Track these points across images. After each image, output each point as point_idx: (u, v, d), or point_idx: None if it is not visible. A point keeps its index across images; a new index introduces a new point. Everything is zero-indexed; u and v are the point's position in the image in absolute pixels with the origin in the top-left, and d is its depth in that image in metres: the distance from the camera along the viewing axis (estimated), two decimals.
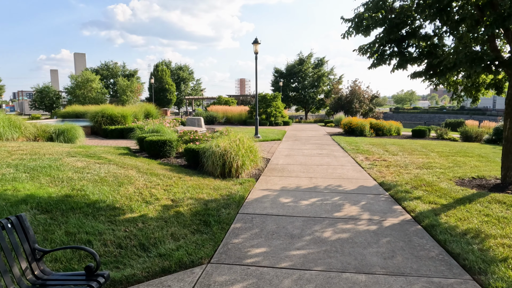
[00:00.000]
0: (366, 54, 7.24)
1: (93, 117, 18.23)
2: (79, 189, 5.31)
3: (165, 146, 9.58)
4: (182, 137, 11.19)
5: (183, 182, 6.63)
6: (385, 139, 17.83)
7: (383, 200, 6.14)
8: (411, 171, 8.59)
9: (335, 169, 9.13)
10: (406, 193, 6.44)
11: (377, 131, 20.37)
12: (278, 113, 29.13)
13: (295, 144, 14.89)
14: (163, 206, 5.15)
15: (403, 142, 15.77)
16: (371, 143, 15.07)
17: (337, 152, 12.38)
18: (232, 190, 6.46)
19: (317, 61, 49.56)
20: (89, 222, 4.25)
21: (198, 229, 4.46)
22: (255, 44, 16.82)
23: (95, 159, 7.72)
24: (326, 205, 5.78)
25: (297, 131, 22.83)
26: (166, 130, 12.77)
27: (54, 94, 38.82)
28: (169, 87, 52.42)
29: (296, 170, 8.85)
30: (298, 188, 6.97)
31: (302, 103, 50.00)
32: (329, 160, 10.59)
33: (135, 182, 6.12)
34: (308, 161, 10.26)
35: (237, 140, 8.36)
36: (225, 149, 7.82)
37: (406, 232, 4.58)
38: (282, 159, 10.60)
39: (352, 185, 7.28)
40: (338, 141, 15.82)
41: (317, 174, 8.45)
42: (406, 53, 6.85)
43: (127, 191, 5.55)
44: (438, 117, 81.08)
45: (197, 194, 5.95)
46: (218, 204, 5.50)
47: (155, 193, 5.67)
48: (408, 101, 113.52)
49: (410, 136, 20.16)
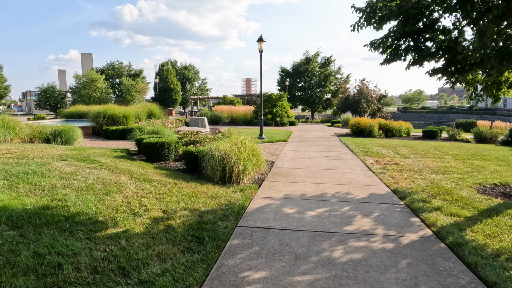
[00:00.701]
0: (378, 49, 6.62)
1: (94, 118, 17.81)
2: (60, 199, 4.79)
3: (163, 148, 9.05)
4: (182, 139, 10.67)
5: (178, 189, 6.08)
6: (395, 140, 17.14)
7: (398, 211, 5.54)
8: (426, 177, 7.96)
9: (344, 173, 8.52)
10: (424, 203, 5.83)
11: (386, 132, 19.69)
12: (284, 113, 28.53)
13: (301, 145, 14.29)
14: (153, 219, 4.60)
15: (414, 144, 15.08)
16: (380, 144, 14.41)
17: (345, 154, 11.76)
18: (232, 198, 5.90)
19: (324, 60, 48.84)
20: (64, 240, 3.72)
21: (189, 247, 3.91)
22: (260, 42, 16.26)
23: (87, 163, 7.22)
24: (335, 217, 5.20)
25: (303, 131, 22.21)
26: (167, 131, 12.26)
27: (59, 94, 38.63)
28: (174, 86, 52.11)
29: (302, 175, 8.27)
30: (303, 196, 6.39)
31: (309, 103, 49.32)
32: (337, 163, 9.98)
33: (125, 190, 5.59)
34: (315, 165, 9.66)
35: (239, 143, 7.80)
36: (225, 153, 7.26)
37: (428, 252, 3.98)
38: (287, 162, 10.02)
39: (363, 193, 6.68)
40: (346, 142, 15.18)
41: (325, 179, 7.86)
42: (424, 48, 6.23)
43: (114, 201, 5.02)
44: (447, 117, 79.72)
45: (193, 203, 5.39)
46: (215, 216, 4.95)
47: (146, 203, 5.13)
48: (416, 100, 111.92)
49: (420, 137, 19.45)
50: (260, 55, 16.42)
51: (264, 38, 16.32)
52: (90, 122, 18.25)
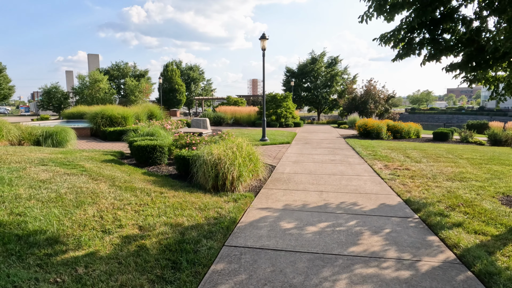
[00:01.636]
0: (389, 43, 5.89)
1: (92, 118, 17.27)
2: (20, 213, 4.15)
3: (155, 152, 8.41)
4: (177, 141, 10.03)
5: (163, 199, 5.42)
6: (404, 142, 16.32)
7: (412, 227, 4.81)
8: (442, 184, 7.20)
9: (350, 180, 7.79)
10: (442, 217, 5.09)
11: (394, 134, 18.85)
12: (289, 114, 27.80)
13: (305, 148, 13.56)
14: (125, 238, 3.94)
15: (425, 147, 14.26)
16: (389, 147, 13.63)
17: (351, 158, 11.02)
18: (223, 210, 5.22)
19: (330, 60, 47.94)
20: (7, 268, 3.07)
21: (162, 276, 3.24)
22: (263, 40, 15.57)
23: (68, 168, 6.60)
24: (339, 234, 4.49)
25: (308, 133, 21.47)
26: (163, 133, 11.63)
27: (62, 95, 38.33)
28: (179, 87, 51.62)
29: (304, 181, 7.56)
30: (305, 207, 5.69)
31: (315, 104, 48.46)
32: (342, 168, 9.25)
33: (101, 200, 4.94)
34: (319, 169, 8.94)
35: (234, 146, 7.12)
36: (218, 158, 6.58)
37: (453, 285, 3.25)
38: (289, 167, 9.31)
39: (371, 203, 5.95)
40: (352, 145, 14.42)
41: (329, 186, 7.14)
42: (441, 41, 5.49)
43: (84, 215, 4.37)
44: (457, 118, 78.19)
45: (176, 217, 4.72)
46: (200, 233, 4.27)
47: (121, 217, 4.47)
48: (425, 101, 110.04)
49: (431, 139, 18.59)
50: (263, 54, 15.73)
51: (267, 36, 15.64)
52: (89, 123, 17.73)
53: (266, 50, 15.76)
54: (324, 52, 47.70)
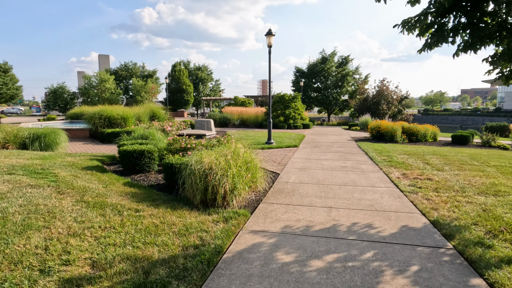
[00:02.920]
0: (414, 30, 4.83)
1: (90, 119, 16.48)
2: None
3: (143, 158, 7.48)
4: (172, 145, 9.09)
5: (136, 220, 4.45)
6: (422, 146, 15.10)
7: (447, 262, 3.74)
8: (473, 200, 6.08)
9: (364, 192, 6.73)
10: (483, 248, 4.00)
11: (410, 137, 17.62)
12: (298, 115, 26.71)
13: (314, 152, 12.50)
14: (65, 283, 2.97)
15: (445, 151, 13.05)
16: (405, 152, 12.47)
17: (365, 164, 9.93)
18: (208, 234, 4.23)
19: (341, 59, 46.59)
20: None
21: None
22: (269, 36, 14.57)
23: (37, 178, 5.70)
24: (352, 273, 3.46)
25: (317, 135, 20.37)
26: (158, 135, 10.73)
27: (68, 95, 37.91)
28: (186, 87, 50.92)
29: (311, 193, 6.53)
30: (309, 229, 4.67)
31: (325, 105, 47.17)
32: (355, 177, 8.18)
33: (56, 223, 4.00)
34: (328, 178, 7.90)
35: (229, 153, 6.13)
36: (209, 167, 5.60)
37: None
38: (295, 175, 8.28)
39: (391, 225, 4.89)
40: (365, 149, 13.30)
41: (339, 201, 6.09)
42: (482, 27, 4.42)
43: (24, 246, 3.43)
44: (472, 119, 75.78)
45: (145, 247, 3.74)
46: (171, 271, 3.29)
47: (73, 248, 3.52)
48: (438, 102, 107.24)
49: (449, 142, 17.29)
50: (269, 51, 14.72)
51: (273, 32, 14.63)
52: (87, 124, 16.96)
53: (272, 47, 14.74)
54: (335, 51, 46.39)
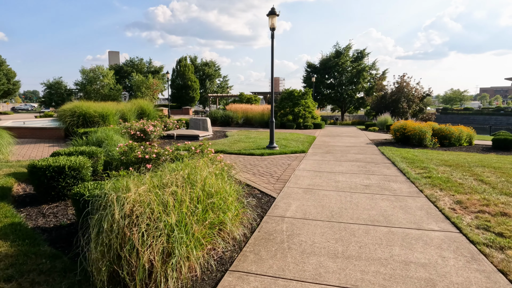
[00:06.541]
0: None
1: (60, 117, 14.08)
2: None
3: (63, 177, 4.92)
4: (126, 155, 6.55)
5: None
6: (460, 153, 12.19)
7: None
8: None
9: (409, 244, 4.03)
10: None
11: (441, 140, 14.69)
12: (308, 113, 23.94)
13: (325, 160, 9.80)
14: None
15: (494, 160, 10.17)
16: (444, 162, 9.66)
17: (395, 182, 7.20)
18: None
19: (356, 53, 43.40)
20: None
21: None
22: (271, 16, 11.88)
23: None
24: None
25: (330, 137, 17.60)
26: (117, 138, 8.20)
27: (65, 90, 35.90)
28: (192, 84, 48.56)
29: (319, 245, 3.87)
30: None
31: (338, 102, 44.10)
32: (386, 205, 5.48)
33: None
34: (346, 209, 5.22)
35: (178, 178, 3.51)
36: (130, 211, 3.00)
37: None
38: (297, 202, 5.64)
39: None
40: (390, 156, 10.51)
41: (370, 267, 3.42)
42: None
43: None
44: (495, 119, 71.43)
45: None
46: None
47: None
48: (458, 101, 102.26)
49: (489, 147, 14.31)
50: (272, 34, 12.02)
51: (277, 12, 11.95)
52: (59, 122, 14.59)
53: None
54: (350, 45, 43.23)
